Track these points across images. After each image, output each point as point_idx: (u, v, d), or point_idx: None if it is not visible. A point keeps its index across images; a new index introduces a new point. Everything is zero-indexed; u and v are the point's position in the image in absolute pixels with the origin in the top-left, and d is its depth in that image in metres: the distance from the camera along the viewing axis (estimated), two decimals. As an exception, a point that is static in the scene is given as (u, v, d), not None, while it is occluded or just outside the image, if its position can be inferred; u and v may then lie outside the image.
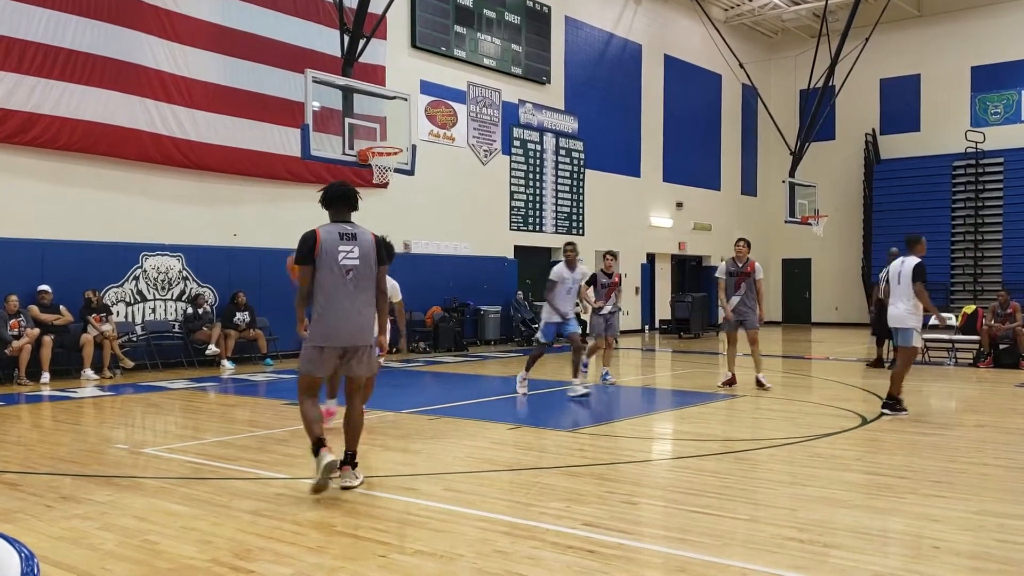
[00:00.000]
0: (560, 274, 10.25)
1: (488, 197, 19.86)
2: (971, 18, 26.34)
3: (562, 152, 21.92)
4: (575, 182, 22.32)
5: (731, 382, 10.92)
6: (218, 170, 14.68)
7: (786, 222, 21.95)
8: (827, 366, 14.69)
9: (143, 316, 13.66)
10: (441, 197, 18.43)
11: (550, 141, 21.55)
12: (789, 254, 29.34)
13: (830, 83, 21.28)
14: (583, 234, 22.39)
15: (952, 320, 14.77)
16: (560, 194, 21.89)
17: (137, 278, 13.56)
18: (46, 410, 9.62)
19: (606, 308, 11.60)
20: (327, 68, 13.54)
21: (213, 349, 13.63)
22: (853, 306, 27.52)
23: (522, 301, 19.49)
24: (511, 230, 20.52)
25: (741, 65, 23.31)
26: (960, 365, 14.18)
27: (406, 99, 13.53)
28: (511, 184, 20.51)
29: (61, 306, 12.27)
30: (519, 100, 20.69)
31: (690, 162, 26.51)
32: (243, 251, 14.89)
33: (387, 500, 5.28)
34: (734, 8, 27.41)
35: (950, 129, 26.40)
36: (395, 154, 12.73)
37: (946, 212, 26.21)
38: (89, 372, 12.10)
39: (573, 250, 10.45)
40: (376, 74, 16.31)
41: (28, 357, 11.51)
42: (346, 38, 13.44)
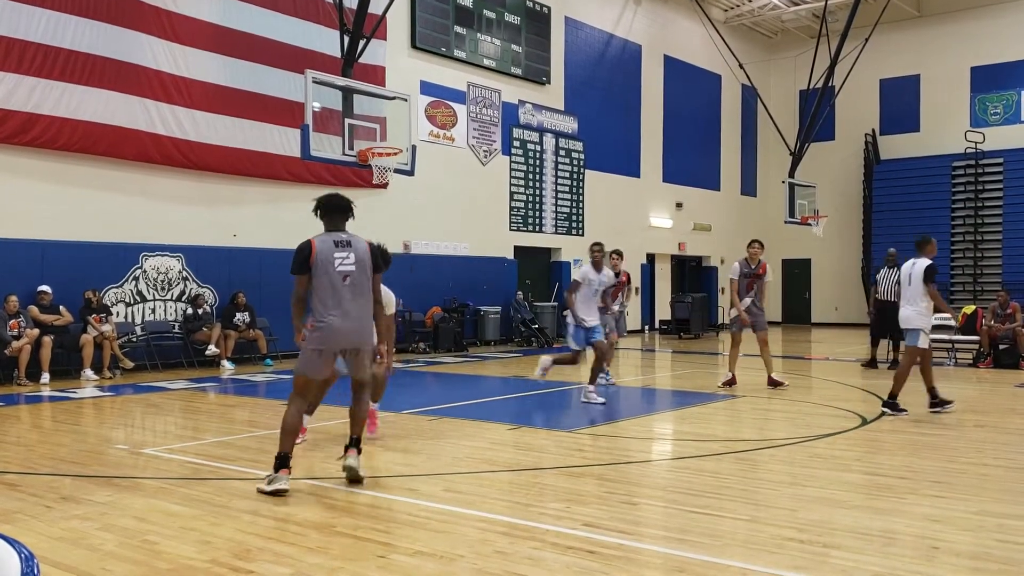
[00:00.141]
0: (585, 275, 9.64)
1: (488, 197, 19.86)
2: (971, 18, 26.35)
3: (562, 152, 21.92)
4: (575, 182, 22.32)
5: (731, 382, 10.92)
6: (218, 170, 14.69)
7: (786, 222, 21.95)
8: (827, 366, 14.69)
9: (143, 316, 13.66)
10: (441, 197, 18.44)
11: (550, 141, 21.56)
12: (789, 254, 29.34)
13: (830, 83, 21.28)
14: (583, 234, 22.39)
15: (952, 321, 14.77)
16: (560, 194, 21.89)
17: (137, 278, 13.56)
18: (46, 411, 9.62)
19: (615, 308, 11.38)
20: (327, 68, 13.55)
21: (213, 349, 13.63)
22: (853, 306, 27.52)
23: (522, 301, 19.48)
24: (511, 230, 20.52)
25: (741, 65, 23.32)
26: (960, 365, 14.18)
27: (406, 99, 13.53)
28: (511, 184, 20.51)
29: (61, 306, 12.27)
30: (519, 100, 20.70)
31: (690, 162, 26.51)
32: (243, 251, 14.90)
33: (387, 500, 5.28)
34: (734, 9, 27.41)
35: (950, 129, 26.41)
36: (395, 154, 12.73)
37: (946, 212, 26.21)
38: (89, 372, 12.10)
39: (600, 250, 9.84)
40: (376, 74, 16.31)
41: (28, 358, 11.51)
42: (346, 38, 13.44)
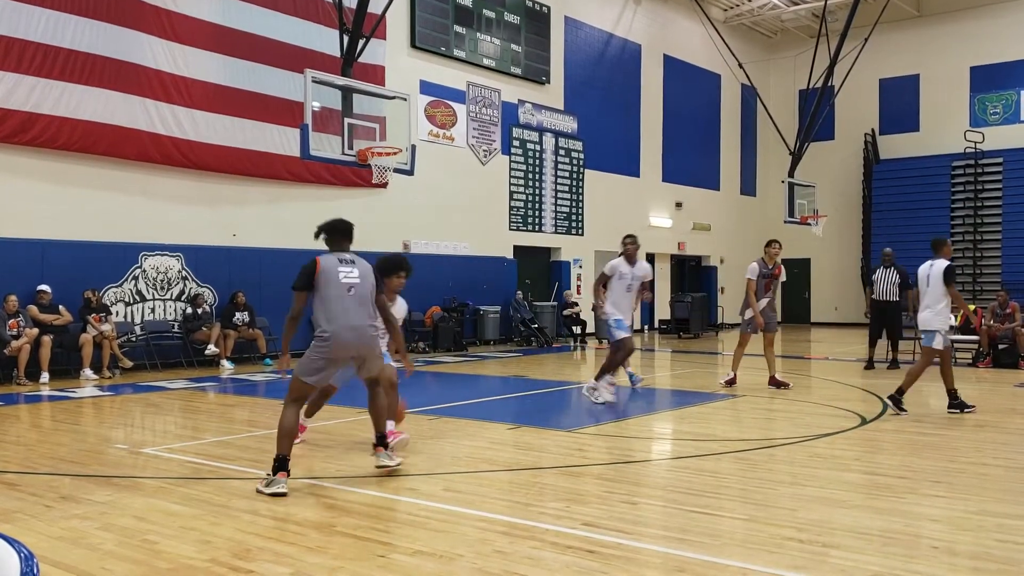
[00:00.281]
0: (616, 268, 9.18)
1: (487, 197, 19.85)
2: (970, 18, 26.35)
3: (561, 152, 21.92)
4: (574, 182, 22.32)
5: (732, 381, 10.92)
6: (217, 170, 14.68)
7: (785, 222, 21.95)
8: (826, 366, 14.70)
9: (142, 316, 13.66)
10: (440, 197, 18.43)
11: (549, 141, 21.56)
12: (788, 254, 29.05)
13: (829, 83, 21.27)
14: (582, 234, 22.41)
15: (952, 320, 14.75)
16: (559, 194, 21.89)
17: (136, 278, 13.56)
18: (45, 410, 9.61)
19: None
20: (327, 68, 13.55)
21: (212, 349, 13.63)
22: (852, 306, 27.50)
23: (521, 301, 19.48)
24: (510, 230, 20.52)
25: (740, 65, 23.31)
26: (959, 365, 14.14)
27: (405, 99, 13.53)
28: (510, 184, 20.51)
29: (60, 306, 12.27)
30: (518, 100, 20.70)
31: (689, 162, 26.51)
32: (242, 251, 14.90)
33: (387, 500, 5.28)
34: (733, 8, 27.41)
35: (949, 129, 26.42)
36: (394, 154, 12.73)
37: (945, 212, 26.21)
38: (88, 372, 12.10)
39: (633, 243, 9.31)
40: (376, 74, 16.31)
41: (27, 357, 11.51)
42: (345, 38, 13.45)
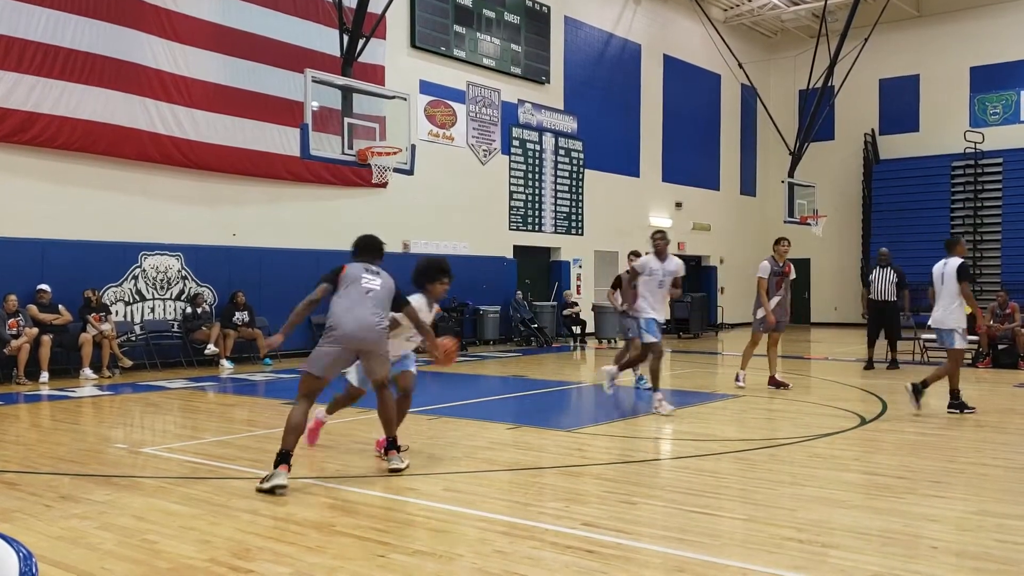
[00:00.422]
0: (646, 265, 8.86)
1: (487, 197, 19.85)
2: (970, 18, 26.35)
3: (561, 152, 21.92)
4: (574, 182, 22.32)
5: (739, 379, 10.87)
6: (217, 170, 14.68)
7: (785, 222, 21.93)
8: (826, 366, 14.69)
9: (142, 315, 13.66)
10: (440, 197, 18.43)
11: (549, 141, 21.55)
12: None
13: (829, 83, 21.28)
14: (582, 234, 22.41)
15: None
16: (559, 194, 21.88)
17: (136, 277, 13.56)
18: (45, 409, 9.61)
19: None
20: (326, 68, 13.55)
21: (212, 349, 13.62)
22: (852, 306, 27.40)
23: (521, 301, 19.48)
24: (510, 230, 20.51)
25: (740, 65, 23.31)
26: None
27: (405, 99, 13.54)
28: (510, 184, 20.51)
29: (60, 305, 12.27)
30: (518, 100, 20.69)
31: (689, 162, 26.50)
32: (242, 251, 14.90)
33: (387, 500, 5.28)
34: (733, 8, 27.41)
35: (949, 129, 26.41)
36: (394, 154, 12.73)
37: (945, 212, 26.21)
38: (88, 371, 12.10)
39: (663, 238, 9.01)
40: (375, 74, 16.31)
41: (27, 356, 11.51)
42: (345, 38, 13.45)
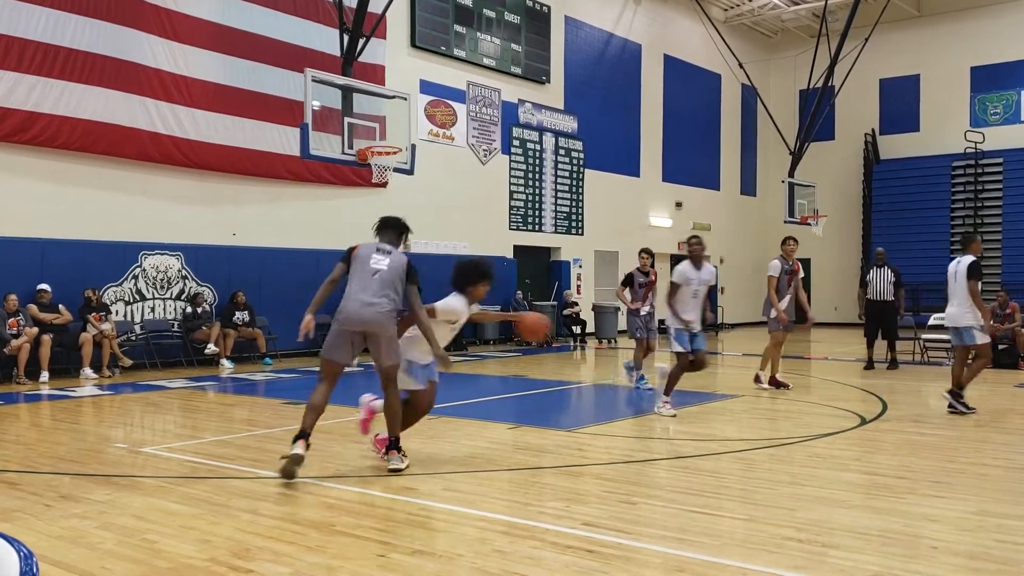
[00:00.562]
0: (684, 274, 8.58)
1: (487, 197, 19.85)
2: (971, 18, 26.34)
3: (561, 152, 21.92)
4: (574, 182, 22.32)
5: (760, 380, 10.83)
6: (217, 169, 14.68)
7: (785, 222, 21.93)
8: (826, 366, 14.69)
9: (142, 315, 13.66)
10: (440, 197, 18.42)
11: (549, 141, 21.55)
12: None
13: (829, 83, 21.27)
14: (582, 234, 22.41)
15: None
16: (560, 194, 21.88)
17: (136, 277, 13.56)
18: (45, 409, 9.62)
19: (644, 309, 10.96)
20: (327, 67, 13.54)
21: (212, 348, 13.62)
22: (852, 306, 27.32)
23: (521, 301, 19.48)
24: (510, 230, 20.51)
25: (741, 65, 23.31)
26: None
27: (405, 98, 13.53)
28: (510, 184, 20.51)
29: (60, 305, 12.27)
30: (519, 100, 20.69)
31: (689, 162, 26.50)
32: (242, 250, 14.90)
33: (387, 500, 5.28)
34: (734, 8, 27.41)
35: (949, 129, 26.40)
36: (394, 153, 12.73)
37: (945, 212, 26.20)
38: (88, 371, 12.10)
39: (699, 244, 8.70)
40: (376, 73, 16.31)
41: (27, 356, 11.51)
42: (345, 37, 13.45)
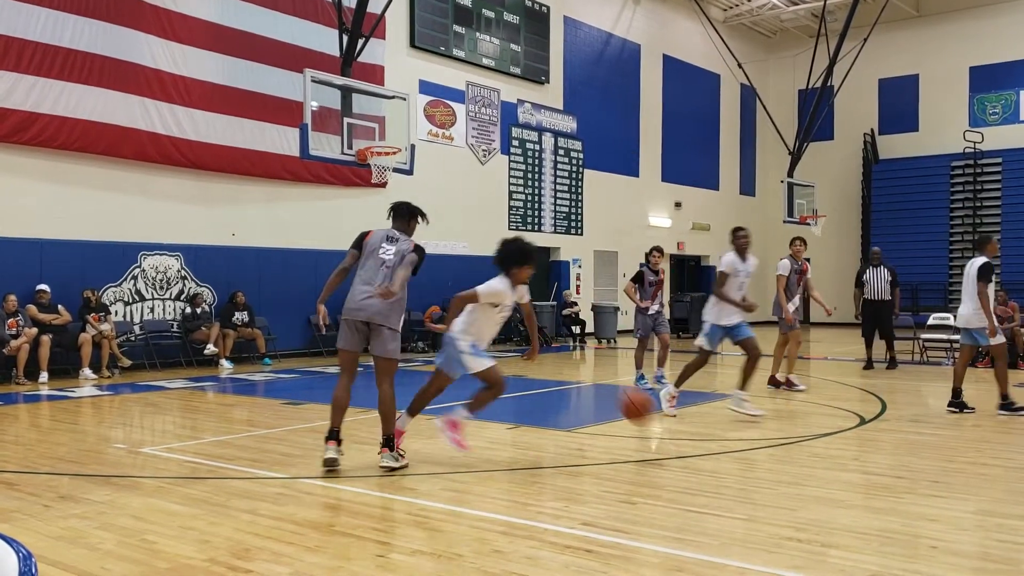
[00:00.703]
0: (732, 264, 8.44)
1: (487, 197, 19.85)
2: (970, 18, 26.36)
3: (561, 152, 21.92)
4: (574, 182, 22.32)
5: (785, 383, 10.77)
6: (217, 169, 14.68)
7: (784, 222, 21.94)
8: (825, 366, 14.71)
9: (141, 315, 13.66)
10: (440, 197, 18.36)
11: (549, 141, 21.56)
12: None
13: (828, 83, 21.27)
14: (582, 234, 22.41)
15: (951, 320, 14.77)
16: (559, 194, 21.89)
17: (135, 277, 13.56)
18: (44, 409, 9.61)
19: (653, 308, 11.00)
20: (326, 68, 13.55)
21: (211, 349, 13.62)
22: (851, 306, 27.48)
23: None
24: (510, 230, 20.49)
25: (740, 65, 23.30)
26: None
27: (405, 99, 13.53)
28: (510, 184, 20.51)
29: (59, 305, 12.27)
30: (518, 100, 20.69)
31: (689, 162, 26.51)
32: (242, 250, 14.90)
33: (386, 500, 5.28)
34: (733, 8, 27.41)
35: (948, 129, 26.42)
36: (394, 154, 12.73)
37: (944, 212, 26.22)
38: (87, 371, 12.10)
39: (746, 236, 8.62)
40: (375, 74, 16.30)
41: (26, 356, 11.51)
42: (345, 38, 13.45)
